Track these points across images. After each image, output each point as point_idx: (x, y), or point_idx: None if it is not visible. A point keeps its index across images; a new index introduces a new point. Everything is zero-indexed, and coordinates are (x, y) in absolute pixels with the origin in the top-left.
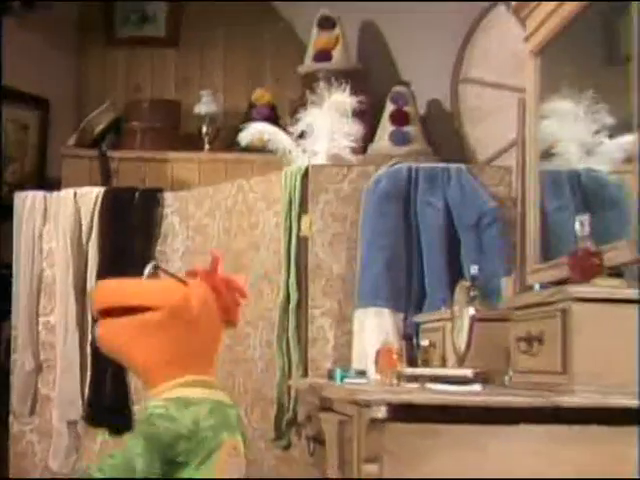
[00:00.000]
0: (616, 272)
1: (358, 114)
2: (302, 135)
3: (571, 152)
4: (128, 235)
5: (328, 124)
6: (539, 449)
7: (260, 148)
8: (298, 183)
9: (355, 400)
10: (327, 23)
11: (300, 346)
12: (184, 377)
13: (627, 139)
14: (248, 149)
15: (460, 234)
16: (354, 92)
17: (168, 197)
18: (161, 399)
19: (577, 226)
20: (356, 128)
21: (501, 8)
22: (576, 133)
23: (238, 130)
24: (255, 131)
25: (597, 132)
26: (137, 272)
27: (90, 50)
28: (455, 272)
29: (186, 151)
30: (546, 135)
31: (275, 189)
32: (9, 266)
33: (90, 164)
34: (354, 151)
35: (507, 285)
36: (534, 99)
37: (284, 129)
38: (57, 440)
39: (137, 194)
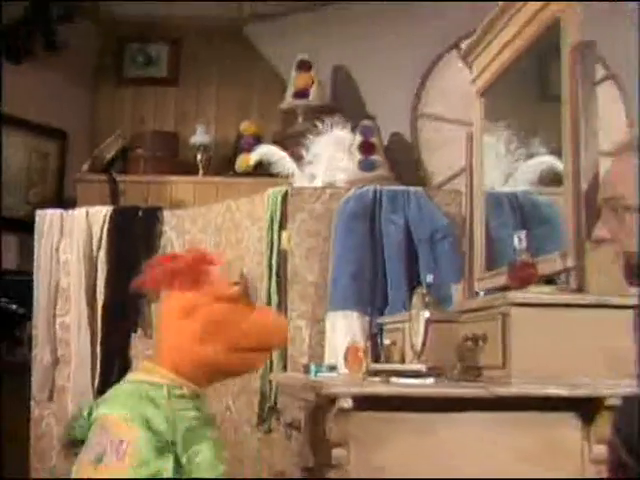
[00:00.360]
0: (550, 279)
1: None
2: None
3: (495, 180)
4: (132, 247)
5: (327, 157)
6: (483, 433)
7: (248, 173)
8: (278, 203)
9: (325, 393)
10: (304, 66)
11: None
12: None
13: (540, 160)
14: (237, 174)
15: (417, 248)
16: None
17: (167, 215)
18: None
19: (515, 241)
20: (349, 161)
21: (454, 53)
22: (498, 164)
23: (228, 157)
24: (264, 152)
25: (516, 160)
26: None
27: (102, 88)
28: (413, 280)
29: (183, 175)
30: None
31: (259, 208)
32: (31, 274)
33: (101, 187)
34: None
35: (457, 291)
36: (479, 133)
37: None
38: None
39: (140, 212)
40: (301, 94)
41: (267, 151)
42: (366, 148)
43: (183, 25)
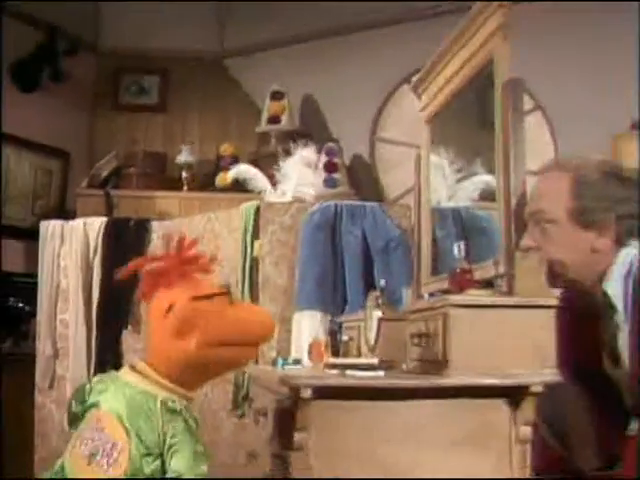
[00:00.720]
0: (490, 283)
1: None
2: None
3: (441, 197)
4: (124, 254)
5: (295, 174)
6: (427, 418)
7: (226, 189)
8: (252, 216)
9: (289, 383)
10: (277, 95)
11: None
12: None
13: (480, 179)
14: (217, 189)
15: (373, 256)
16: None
17: (155, 225)
18: None
19: (455, 250)
20: (315, 177)
21: (407, 85)
22: (444, 182)
23: (209, 175)
24: (240, 171)
25: (460, 179)
26: (129, 282)
27: (100, 113)
28: (370, 284)
29: (169, 191)
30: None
31: (235, 220)
32: (35, 277)
33: (98, 200)
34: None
35: (407, 294)
36: (426, 156)
37: None
38: None
39: (131, 223)
40: (274, 120)
41: (243, 169)
42: (330, 167)
43: (171, 58)
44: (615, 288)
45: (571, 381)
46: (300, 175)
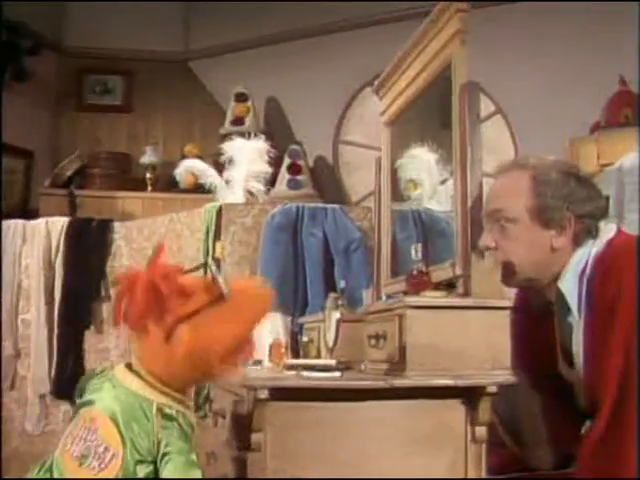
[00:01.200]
0: (451, 284)
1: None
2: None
3: (425, 192)
4: (86, 254)
5: (246, 164)
6: (385, 418)
7: (189, 189)
8: (214, 217)
9: (247, 384)
10: (241, 97)
11: None
12: None
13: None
14: (180, 190)
15: (334, 257)
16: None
17: (117, 226)
18: None
19: (412, 252)
20: (266, 169)
21: (369, 88)
22: (429, 178)
23: (173, 176)
24: (188, 166)
25: (443, 181)
26: (92, 282)
27: (64, 113)
28: (330, 286)
29: (133, 191)
30: (408, 177)
31: (197, 221)
32: None
33: (61, 200)
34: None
35: (367, 295)
36: (387, 159)
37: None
38: (31, 409)
39: (93, 223)
40: (238, 121)
41: (192, 164)
42: (294, 169)
43: (136, 59)
44: (569, 288)
45: (527, 381)
46: (250, 166)
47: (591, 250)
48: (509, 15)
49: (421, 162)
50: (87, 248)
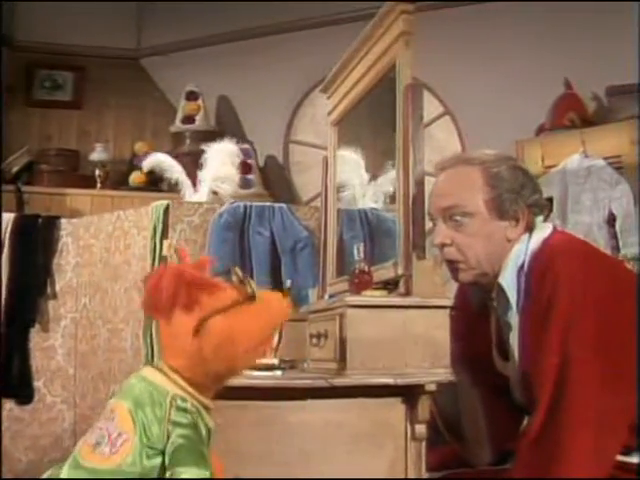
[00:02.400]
0: (393, 283)
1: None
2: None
3: (355, 192)
4: (32, 251)
5: (214, 165)
6: (327, 417)
7: (139, 187)
8: (161, 215)
9: None
10: (192, 96)
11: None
12: None
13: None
14: (130, 188)
15: (281, 256)
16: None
17: (64, 223)
18: None
19: (355, 252)
20: (234, 172)
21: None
22: (359, 178)
23: (123, 173)
24: (156, 159)
25: (374, 177)
26: (38, 280)
27: (13, 108)
28: (277, 285)
29: (82, 188)
30: (338, 179)
31: (144, 219)
32: None
33: (8, 196)
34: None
35: (314, 294)
36: (333, 158)
37: None
38: None
39: (40, 220)
40: (189, 120)
41: (160, 159)
42: (244, 168)
43: (87, 55)
44: (509, 283)
45: (467, 377)
46: (219, 168)
47: (528, 246)
48: (458, 18)
49: (348, 163)
50: (33, 245)
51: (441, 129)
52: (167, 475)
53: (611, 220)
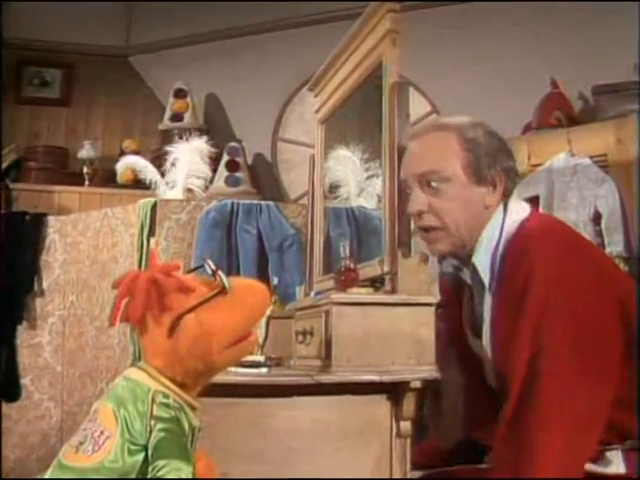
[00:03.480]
0: (380, 281)
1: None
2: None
3: (350, 191)
4: (20, 248)
5: (186, 163)
6: (315, 414)
7: (128, 184)
8: (149, 212)
9: None
10: (181, 93)
11: None
12: None
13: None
14: (118, 185)
15: (268, 253)
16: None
17: (51, 220)
18: None
19: (341, 249)
20: (207, 169)
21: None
22: (354, 176)
23: (112, 171)
24: (129, 162)
25: (369, 176)
26: (25, 277)
27: (1, 105)
28: (264, 282)
29: (70, 186)
30: (334, 177)
31: (132, 216)
32: None
33: None
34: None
35: (301, 292)
36: (320, 156)
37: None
38: None
39: (28, 217)
40: (177, 117)
41: (132, 161)
42: (232, 166)
43: (75, 52)
44: (482, 263)
45: (453, 367)
46: (191, 165)
47: (503, 225)
48: (445, 16)
49: (345, 161)
50: (21, 242)
51: None
52: (149, 469)
53: (597, 218)
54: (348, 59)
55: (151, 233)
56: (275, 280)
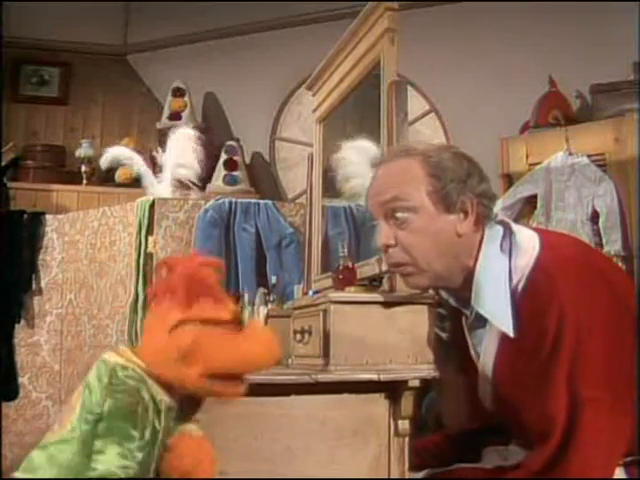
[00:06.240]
0: (378, 280)
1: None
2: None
3: (365, 180)
4: (18, 247)
5: (174, 152)
6: (309, 414)
7: (125, 183)
8: (147, 211)
9: None
10: (179, 92)
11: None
12: None
13: None
14: (116, 184)
15: (266, 252)
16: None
17: (49, 218)
18: None
19: (339, 248)
20: (197, 158)
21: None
22: (368, 167)
23: (110, 170)
24: (114, 153)
25: None
26: (23, 275)
27: None
28: (263, 281)
29: (68, 184)
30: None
31: (130, 215)
32: None
33: None
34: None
35: (299, 290)
36: (318, 155)
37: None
38: None
39: (26, 215)
40: (175, 116)
41: (118, 152)
42: (230, 165)
43: (73, 51)
44: (493, 312)
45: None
46: (179, 153)
47: (515, 262)
48: (443, 15)
49: (360, 153)
50: (19, 241)
51: (426, 126)
52: (95, 444)
53: (594, 217)
54: (346, 58)
55: (149, 232)
56: (273, 279)
